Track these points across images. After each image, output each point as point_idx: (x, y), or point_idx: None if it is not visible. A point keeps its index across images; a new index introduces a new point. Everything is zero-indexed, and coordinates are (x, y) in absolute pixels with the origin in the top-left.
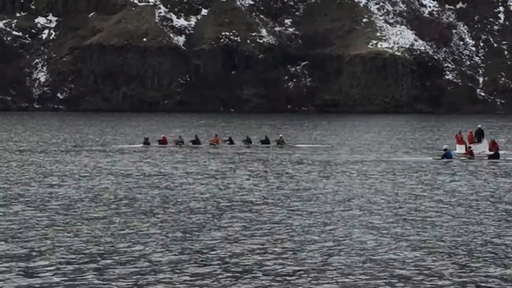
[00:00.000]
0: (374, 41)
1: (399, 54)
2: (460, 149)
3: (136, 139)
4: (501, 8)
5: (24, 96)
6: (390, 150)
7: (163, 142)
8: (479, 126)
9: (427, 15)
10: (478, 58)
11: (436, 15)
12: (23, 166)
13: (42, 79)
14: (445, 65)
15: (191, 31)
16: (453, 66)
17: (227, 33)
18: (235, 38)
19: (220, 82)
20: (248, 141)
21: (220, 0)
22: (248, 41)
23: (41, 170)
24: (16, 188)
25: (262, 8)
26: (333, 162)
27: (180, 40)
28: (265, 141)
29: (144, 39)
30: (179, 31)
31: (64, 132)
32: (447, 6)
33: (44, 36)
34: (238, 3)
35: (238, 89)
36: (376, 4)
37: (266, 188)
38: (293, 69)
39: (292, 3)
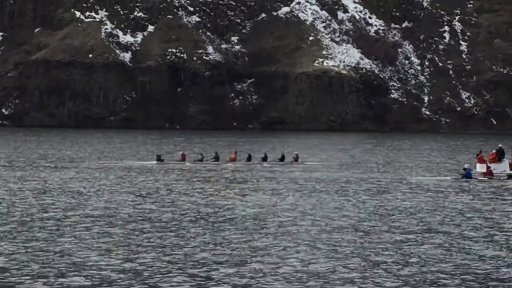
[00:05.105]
0: (320, 59)
1: (345, 72)
2: (480, 168)
3: (146, 156)
4: (446, 28)
5: None
6: (404, 170)
7: (182, 159)
8: (499, 145)
9: (373, 34)
10: (423, 77)
11: (382, 34)
12: (42, 183)
13: None
14: (391, 84)
15: (138, 48)
16: (399, 85)
17: (174, 50)
18: (182, 55)
19: (166, 99)
20: (265, 158)
21: (166, 17)
22: (195, 58)
23: (63, 186)
24: (51, 203)
25: (208, 25)
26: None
27: (126, 56)
28: (282, 159)
29: (90, 55)
30: (125, 47)
31: (66, 148)
32: (392, 25)
33: None
34: (184, 20)
35: (184, 106)
36: (323, 22)
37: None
38: (239, 86)
39: (239, 20)
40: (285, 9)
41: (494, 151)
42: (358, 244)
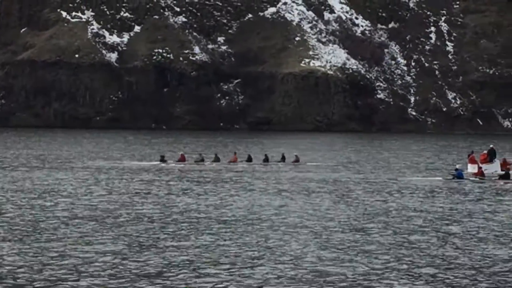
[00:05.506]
0: (307, 60)
1: (331, 73)
2: (472, 168)
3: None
4: (432, 29)
5: None
6: (396, 170)
7: (181, 160)
8: (491, 146)
9: (360, 35)
10: (409, 77)
11: (368, 35)
12: (41, 183)
13: None
14: (377, 84)
15: (124, 48)
16: (385, 85)
17: (160, 50)
18: (168, 55)
19: (153, 99)
20: (266, 159)
21: (153, 17)
22: (181, 59)
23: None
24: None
25: (195, 25)
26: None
27: (113, 56)
28: (282, 159)
29: (76, 55)
30: (112, 47)
31: (57, 148)
32: (379, 25)
33: None
34: (171, 20)
35: (170, 106)
36: (309, 23)
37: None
38: (226, 86)
39: (225, 21)
40: (272, 9)
41: (485, 151)
42: (357, 244)
